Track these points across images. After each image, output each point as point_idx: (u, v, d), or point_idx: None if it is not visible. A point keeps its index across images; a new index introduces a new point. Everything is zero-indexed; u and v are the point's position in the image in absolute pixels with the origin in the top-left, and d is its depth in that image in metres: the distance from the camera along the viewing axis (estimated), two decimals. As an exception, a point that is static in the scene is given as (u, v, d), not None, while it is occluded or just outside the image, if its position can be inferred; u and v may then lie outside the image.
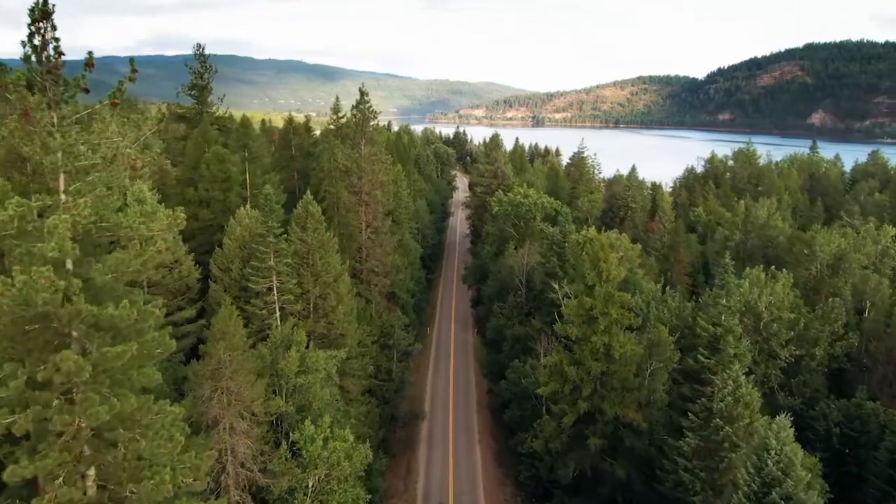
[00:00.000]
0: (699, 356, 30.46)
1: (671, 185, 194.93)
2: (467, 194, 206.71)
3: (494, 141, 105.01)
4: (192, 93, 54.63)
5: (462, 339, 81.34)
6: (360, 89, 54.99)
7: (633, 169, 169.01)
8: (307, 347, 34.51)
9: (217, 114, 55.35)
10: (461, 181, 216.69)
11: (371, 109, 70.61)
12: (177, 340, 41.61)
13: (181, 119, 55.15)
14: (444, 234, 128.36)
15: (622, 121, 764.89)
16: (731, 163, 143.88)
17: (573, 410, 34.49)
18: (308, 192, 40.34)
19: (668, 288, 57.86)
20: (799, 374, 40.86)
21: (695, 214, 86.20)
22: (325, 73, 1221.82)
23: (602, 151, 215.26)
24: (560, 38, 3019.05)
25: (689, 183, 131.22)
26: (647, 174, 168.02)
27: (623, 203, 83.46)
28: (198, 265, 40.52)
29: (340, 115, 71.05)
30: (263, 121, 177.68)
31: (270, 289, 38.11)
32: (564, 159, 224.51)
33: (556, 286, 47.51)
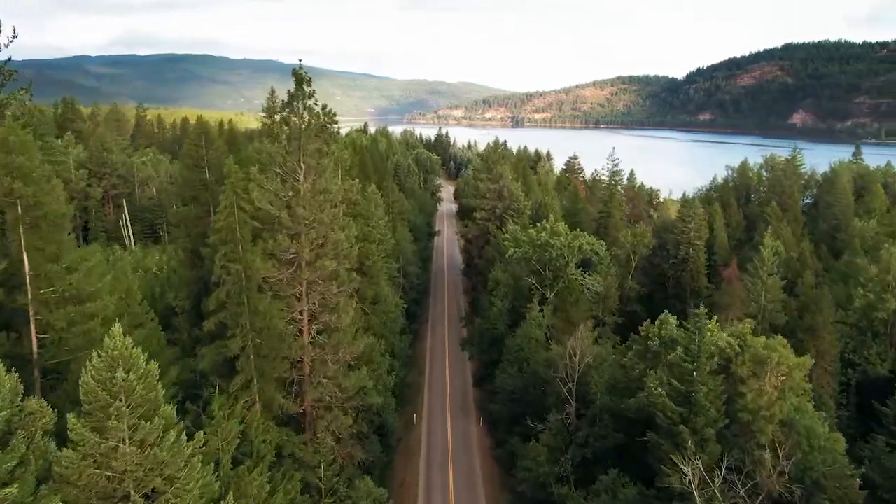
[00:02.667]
0: None
1: (682, 195, 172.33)
2: (454, 204, 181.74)
3: (496, 150, 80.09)
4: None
5: (462, 432, 56.26)
6: (294, 72, 29.65)
7: (632, 174, 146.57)
8: None
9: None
10: (446, 189, 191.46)
11: (328, 111, 45.48)
12: None
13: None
14: (429, 263, 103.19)
15: (602, 121, 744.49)
16: (766, 173, 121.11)
17: None
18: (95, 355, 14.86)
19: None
20: None
21: (776, 252, 61.92)
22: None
23: (588, 153, 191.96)
24: (540, 38, 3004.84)
25: (724, 198, 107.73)
26: (644, 179, 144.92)
27: (684, 239, 59.47)
28: None
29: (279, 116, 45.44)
30: (221, 122, 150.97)
31: None
32: (557, 164, 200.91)
33: (686, 467, 22.86)
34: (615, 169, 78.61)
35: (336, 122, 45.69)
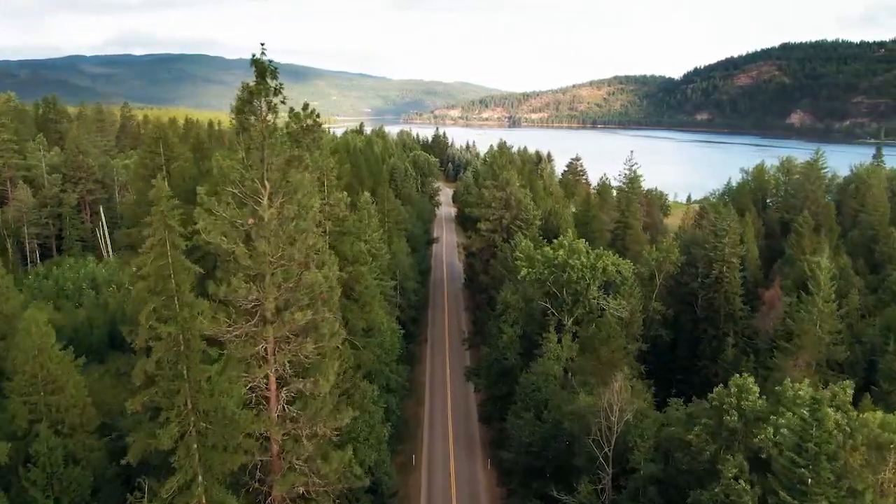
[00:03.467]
0: None
1: (687, 199, 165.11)
2: (452, 208, 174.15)
3: (503, 154, 72.78)
4: None
5: (467, 478, 49.09)
6: (254, 61, 22.07)
7: (637, 176, 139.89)
8: None
9: None
10: (444, 192, 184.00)
11: (310, 111, 38.65)
12: None
13: None
14: (427, 276, 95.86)
15: (599, 121, 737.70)
16: (782, 176, 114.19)
17: None
18: None
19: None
20: None
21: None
22: (297, 73, 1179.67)
23: (588, 154, 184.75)
24: (536, 37, 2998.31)
25: (741, 203, 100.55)
26: (646, 182, 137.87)
27: (717, 256, 52.07)
28: None
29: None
30: (210, 122, 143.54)
31: None
32: (557, 167, 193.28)
33: None
34: (633, 175, 71.01)
35: (320, 125, 38.40)
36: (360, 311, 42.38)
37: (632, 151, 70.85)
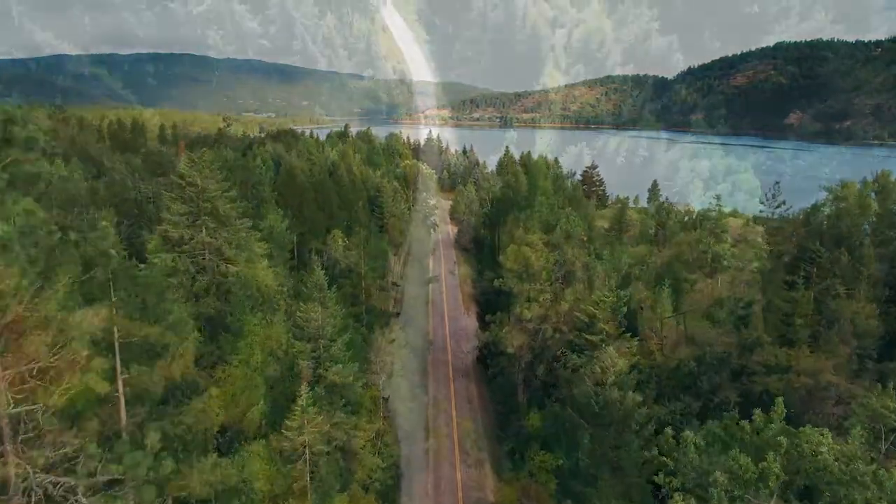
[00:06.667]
0: None
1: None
2: (450, 226, 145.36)
3: (558, 186, 43.07)
4: None
5: None
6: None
7: (655, 187, 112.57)
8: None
9: None
10: (440, 206, 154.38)
11: None
12: None
13: None
14: (428, 353, 66.84)
15: (593, 121, 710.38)
16: (874, 195, 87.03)
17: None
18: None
19: None
20: None
21: None
22: (286, 73, 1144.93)
23: (588, 156, 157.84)
24: (528, 36, 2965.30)
25: (846, 238, 72.54)
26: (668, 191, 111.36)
27: None
28: None
29: None
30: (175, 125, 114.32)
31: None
32: (563, 170, 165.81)
33: None
34: (784, 213, 41.47)
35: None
36: None
37: (777, 183, 42.02)
